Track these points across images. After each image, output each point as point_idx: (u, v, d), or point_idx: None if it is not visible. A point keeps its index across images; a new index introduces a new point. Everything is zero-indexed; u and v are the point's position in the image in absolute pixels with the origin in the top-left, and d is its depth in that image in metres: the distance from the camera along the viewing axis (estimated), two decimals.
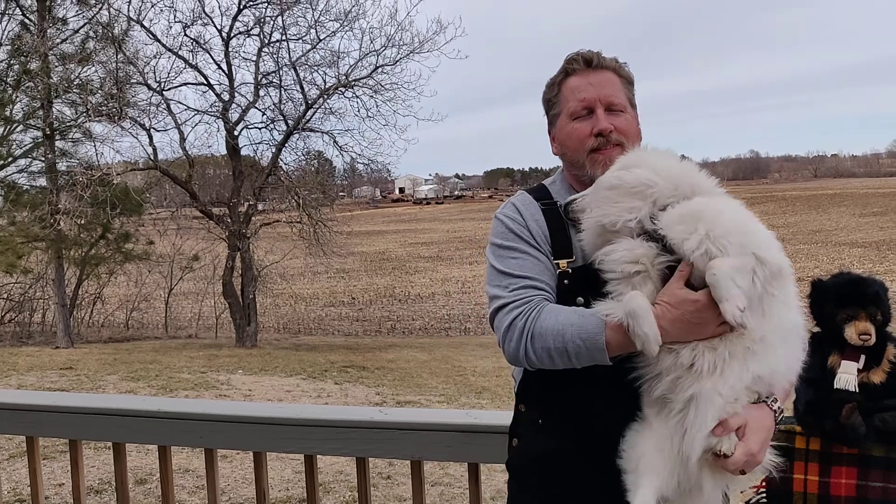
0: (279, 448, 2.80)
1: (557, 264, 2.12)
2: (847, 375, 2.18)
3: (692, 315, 1.85)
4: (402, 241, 62.10)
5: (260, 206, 24.93)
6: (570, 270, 2.11)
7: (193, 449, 7.62)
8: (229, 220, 22.75)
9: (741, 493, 2.37)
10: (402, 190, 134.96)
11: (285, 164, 23.94)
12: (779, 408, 1.98)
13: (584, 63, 2.21)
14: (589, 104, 2.17)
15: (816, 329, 2.31)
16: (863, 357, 2.20)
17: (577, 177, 2.22)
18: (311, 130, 23.30)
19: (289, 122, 23.09)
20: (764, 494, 2.34)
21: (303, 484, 6.69)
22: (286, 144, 23.23)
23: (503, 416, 2.56)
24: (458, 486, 6.91)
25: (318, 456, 2.83)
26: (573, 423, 2.10)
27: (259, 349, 21.63)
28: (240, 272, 23.17)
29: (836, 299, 2.22)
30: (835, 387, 2.19)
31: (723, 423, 1.88)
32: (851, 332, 2.18)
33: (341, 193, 30.72)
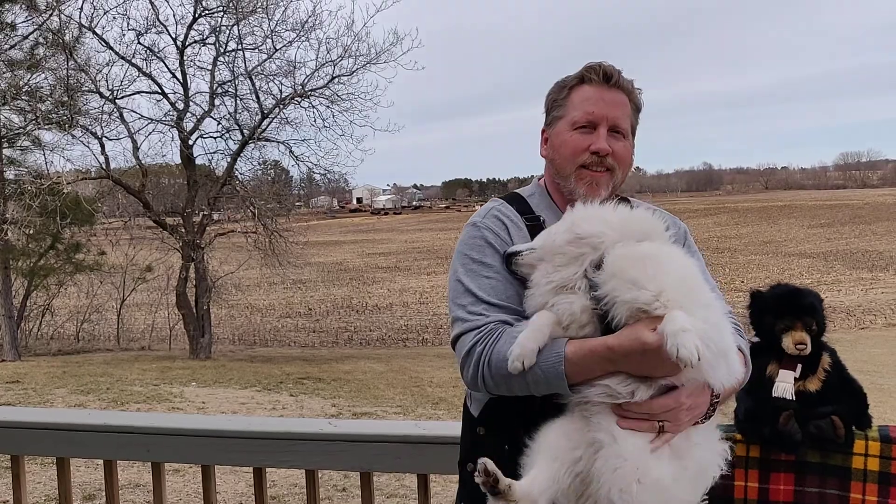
0: (228, 461, 2.78)
1: None
2: (784, 384, 2.24)
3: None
4: (360, 252, 61.85)
5: (215, 216, 24.64)
6: None
7: (144, 463, 7.51)
8: (183, 231, 22.46)
9: None
10: (359, 200, 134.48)
11: (241, 173, 23.77)
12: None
13: (603, 77, 2.12)
14: (595, 119, 2.10)
15: (756, 339, 2.37)
16: (799, 366, 2.26)
17: (559, 186, 2.16)
18: (267, 140, 23.15)
19: (244, 131, 22.91)
20: (706, 501, 2.38)
21: None
22: (242, 154, 23.04)
23: (452, 427, 2.57)
24: (412, 498, 6.90)
25: (268, 469, 2.81)
26: None
27: (213, 361, 21.36)
28: (194, 283, 22.87)
29: (774, 310, 2.28)
30: (773, 395, 2.24)
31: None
32: (788, 342, 2.24)
33: (298, 203, 30.54)
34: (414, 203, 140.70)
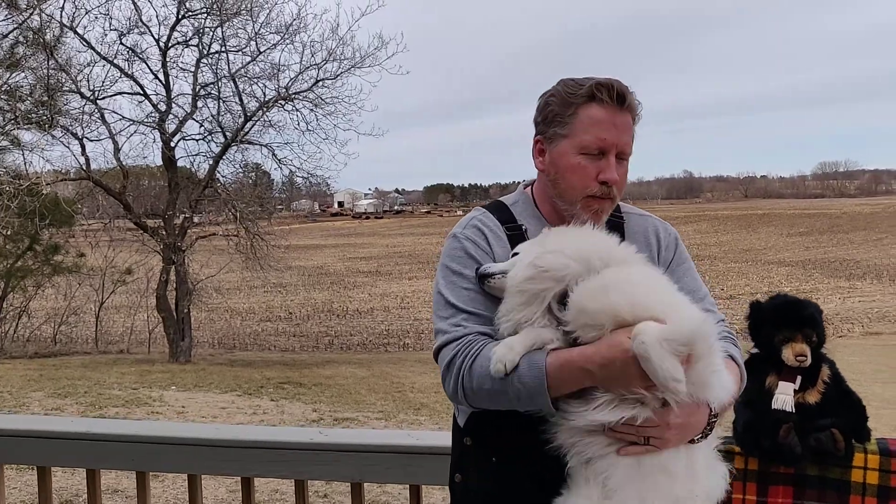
0: (215, 470, 2.72)
1: None
2: (784, 396, 2.22)
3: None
4: (341, 256, 61.68)
5: (196, 219, 24.47)
6: None
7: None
8: (164, 233, 22.27)
9: None
10: (341, 204, 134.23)
11: (223, 176, 23.61)
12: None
13: (617, 99, 2.00)
14: (605, 147, 2.00)
15: (754, 350, 2.34)
16: (799, 378, 2.24)
17: (553, 202, 2.09)
18: (250, 143, 23.02)
19: (227, 134, 22.76)
20: None
21: (238, 502, 6.55)
22: (224, 157, 22.90)
23: (445, 437, 2.53)
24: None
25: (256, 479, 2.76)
26: (535, 466, 1.95)
27: (193, 364, 21.18)
28: (174, 286, 22.69)
29: (774, 321, 2.26)
30: (772, 407, 2.22)
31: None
32: (788, 354, 2.22)
33: (279, 207, 30.34)
34: (396, 208, 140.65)
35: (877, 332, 28.21)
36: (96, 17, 21.47)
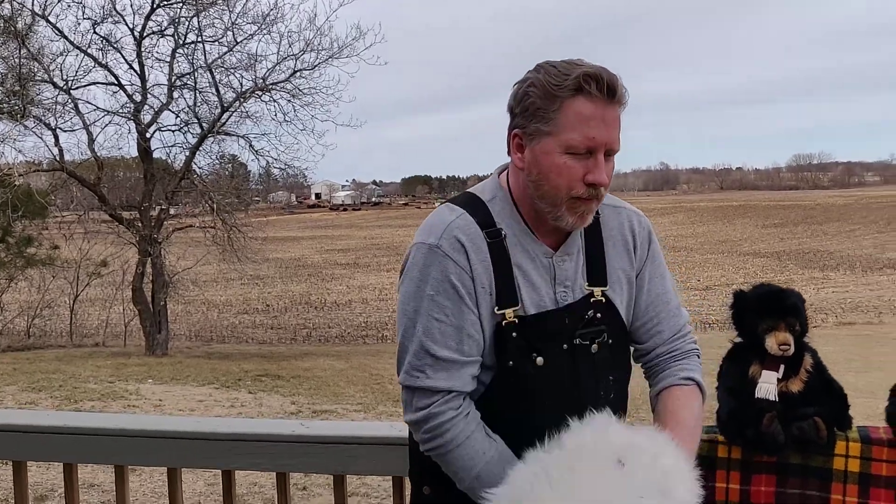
0: (196, 464, 2.68)
1: (503, 315, 1.79)
2: (767, 385, 2.22)
3: None
4: (319, 248, 61.49)
5: (172, 211, 24.26)
6: (517, 321, 1.80)
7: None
8: (140, 225, 22.08)
9: None
10: (318, 196, 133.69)
11: (199, 167, 23.43)
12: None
13: (607, 91, 1.78)
14: (594, 146, 1.79)
15: (738, 339, 2.35)
16: (782, 367, 2.24)
17: (533, 202, 1.86)
18: (227, 134, 22.86)
19: (203, 125, 22.58)
20: None
21: (215, 497, 6.52)
22: (200, 148, 22.71)
23: None
24: (375, 497, 6.84)
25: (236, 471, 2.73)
26: None
27: (170, 357, 21.03)
28: (150, 278, 22.49)
29: (757, 310, 2.26)
30: (756, 396, 2.23)
31: None
32: (772, 343, 2.21)
33: (256, 198, 30.20)
34: (373, 199, 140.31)
35: (850, 322, 28.60)
36: (69, 6, 21.23)
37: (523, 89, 1.85)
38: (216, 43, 22.33)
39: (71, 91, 21.58)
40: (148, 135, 22.29)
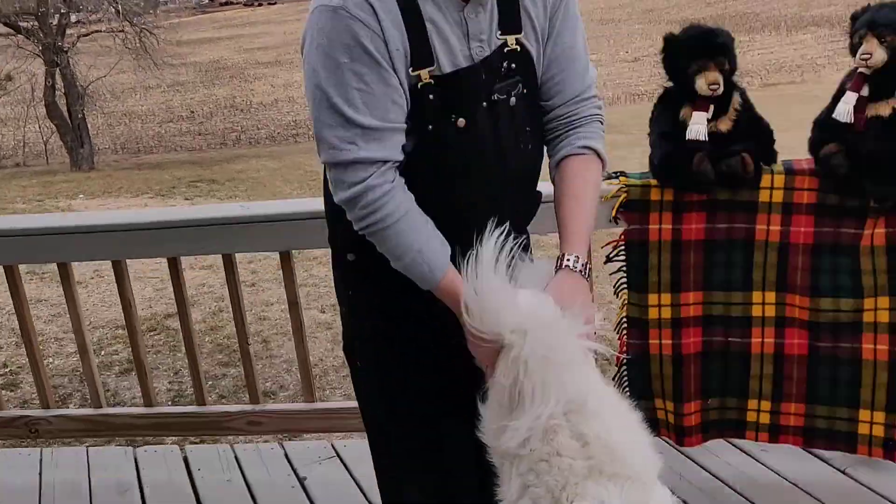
0: (141, 254, 2.70)
1: (418, 76, 1.63)
2: (697, 126, 2.27)
3: None
4: (237, 48, 58.65)
5: (74, 18, 22.63)
6: (433, 81, 1.64)
7: (43, 276, 7.32)
8: (41, 34, 20.62)
9: (601, 247, 2.51)
10: None
11: None
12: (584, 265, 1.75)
13: None
14: None
15: (669, 84, 2.37)
16: (712, 107, 2.29)
17: None
18: None
19: None
20: (623, 247, 2.48)
21: (166, 300, 6.62)
22: None
23: None
24: (323, 285, 7.01)
25: (182, 259, 2.75)
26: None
27: (98, 171, 20.48)
28: (63, 91, 21.38)
29: (687, 52, 2.26)
30: (687, 138, 2.28)
31: None
32: (701, 83, 2.24)
33: None
34: None
35: (774, 82, 29.08)
36: None
37: None
38: None
39: None
40: None
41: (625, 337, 2.52)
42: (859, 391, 2.38)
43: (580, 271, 1.72)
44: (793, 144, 2.50)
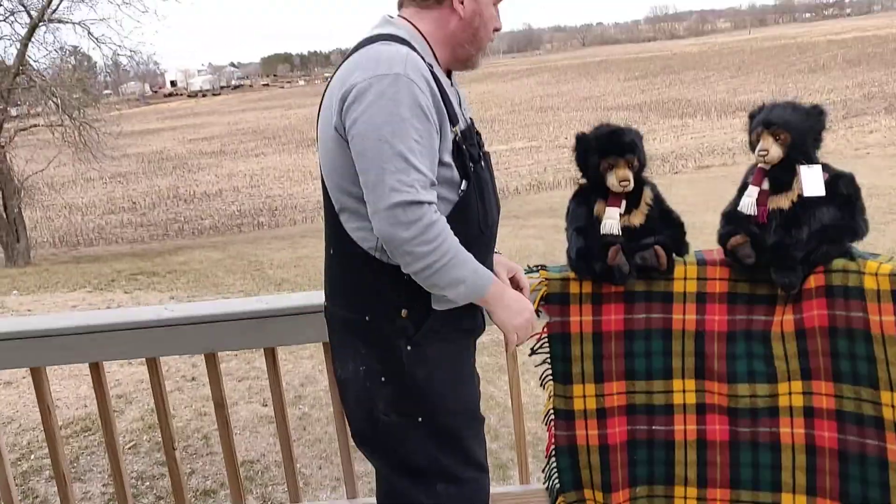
0: (60, 360, 2.63)
1: (455, 132, 1.96)
2: (611, 221, 2.35)
3: None
4: (181, 138, 58.79)
5: (13, 112, 22.49)
6: (460, 134, 1.99)
7: None
8: None
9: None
10: (174, 83, 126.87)
11: (35, 61, 21.62)
12: None
13: None
14: None
15: (582, 180, 2.46)
16: (624, 202, 2.38)
17: (458, 51, 2.07)
18: (60, 21, 21.07)
19: (31, 12, 20.70)
20: (546, 339, 2.52)
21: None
22: (33, 39, 20.87)
23: (296, 298, 2.55)
24: (264, 379, 6.90)
25: (108, 365, 2.70)
26: None
27: (34, 266, 20.05)
28: None
29: (598, 150, 2.36)
30: (601, 232, 2.36)
31: None
32: (613, 180, 2.34)
33: (106, 91, 28.33)
34: (233, 83, 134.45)
35: (707, 165, 30.10)
36: None
37: None
38: None
39: None
40: None
41: (553, 428, 2.54)
42: (780, 474, 2.42)
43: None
44: None
